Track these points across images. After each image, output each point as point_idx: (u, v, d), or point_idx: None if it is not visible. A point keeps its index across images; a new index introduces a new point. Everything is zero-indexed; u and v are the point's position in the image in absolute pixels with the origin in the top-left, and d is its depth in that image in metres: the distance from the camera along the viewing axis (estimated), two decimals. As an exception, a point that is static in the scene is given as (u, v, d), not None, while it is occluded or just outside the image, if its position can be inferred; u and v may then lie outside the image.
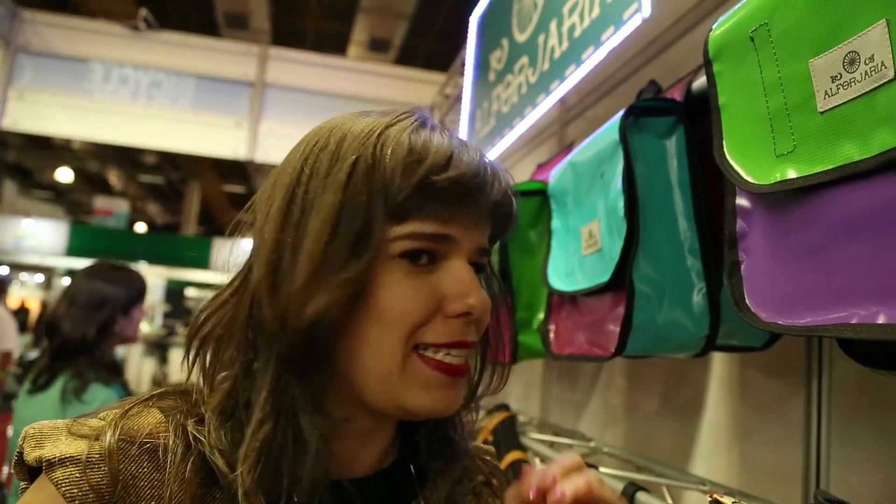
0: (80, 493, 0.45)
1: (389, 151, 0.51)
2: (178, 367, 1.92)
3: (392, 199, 0.50)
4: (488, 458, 0.70)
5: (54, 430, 0.49)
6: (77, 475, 0.45)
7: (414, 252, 0.51)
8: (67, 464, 0.46)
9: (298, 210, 0.51)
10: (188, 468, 0.48)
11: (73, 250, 9.39)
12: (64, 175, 10.81)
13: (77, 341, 1.72)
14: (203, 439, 0.49)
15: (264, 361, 0.51)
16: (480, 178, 0.53)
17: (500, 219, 0.57)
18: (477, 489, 0.65)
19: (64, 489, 0.45)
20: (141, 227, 13.81)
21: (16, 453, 0.49)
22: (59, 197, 13.75)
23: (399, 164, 0.50)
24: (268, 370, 0.50)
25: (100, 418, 0.50)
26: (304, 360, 0.50)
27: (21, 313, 10.34)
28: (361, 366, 0.51)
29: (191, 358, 0.54)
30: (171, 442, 0.49)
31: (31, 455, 0.47)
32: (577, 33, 1.49)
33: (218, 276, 0.57)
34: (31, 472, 0.49)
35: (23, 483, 0.49)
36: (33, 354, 6.90)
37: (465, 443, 0.64)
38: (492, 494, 0.66)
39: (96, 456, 0.46)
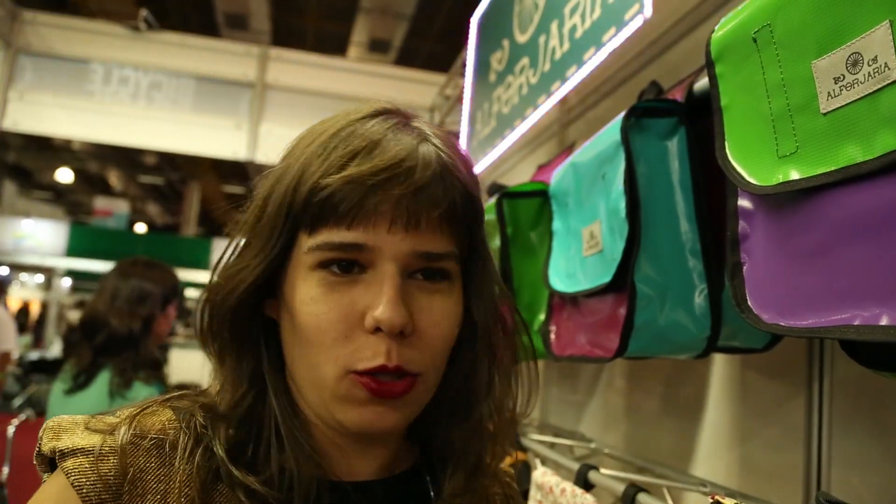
0: (88, 483, 0.46)
1: (304, 155, 0.51)
2: (177, 367, 1.94)
3: (295, 207, 0.49)
4: (508, 479, 0.68)
5: (73, 424, 0.50)
6: (87, 465, 0.47)
7: (334, 262, 0.49)
8: (78, 454, 0.47)
9: (244, 218, 0.55)
10: (197, 460, 0.49)
11: (73, 251, 9.40)
12: (64, 176, 10.81)
13: (125, 336, 1.74)
14: (209, 424, 0.51)
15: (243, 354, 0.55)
16: (387, 173, 0.48)
17: (454, 217, 0.51)
18: None
19: (73, 478, 0.46)
20: (141, 228, 13.81)
21: (36, 445, 0.50)
22: (59, 197, 13.75)
23: (303, 167, 0.50)
24: (246, 363, 0.54)
25: (116, 416, 0.52)
26: (253, 361, 0.53)
27: (22, 314, 10.34)
28: (301, 378, 0.52)
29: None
30: (181, 436, 0.50)
31: (46, 446, 0.49)
32: (578, 34, 1.49)
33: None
34: (52, 463, 0.50)
35: (45, 476, 0.51)
36: (34, 355, 6.90)
37: (493, 461, 0.61)
38: None
39: (107, 449, 0.48)
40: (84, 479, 0.46)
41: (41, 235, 9.44)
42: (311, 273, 0.50)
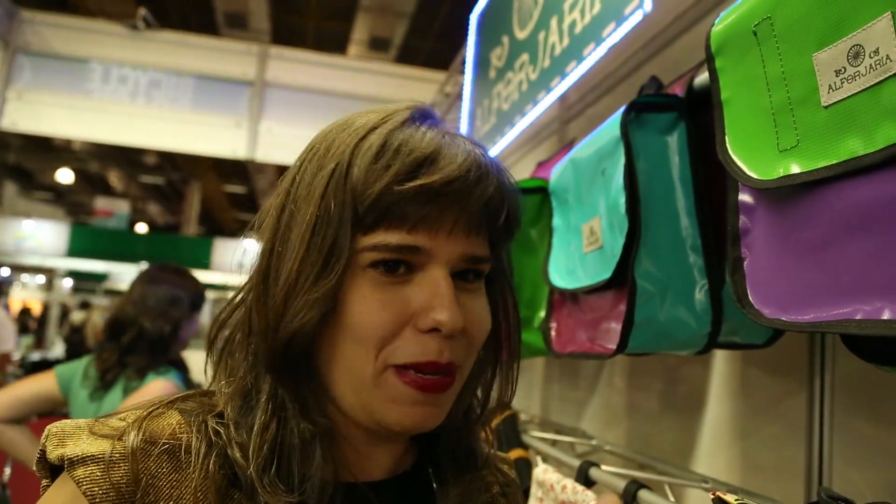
0: (100, 492, 0.45)
1: (360, 157, 0.49)
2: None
3: (358, 209, 0.48)
4: (505, 467, 0.69)
5: (76, 429, 0.49)
6: (98, 474, 0.46)
7: (383, 262, 0.49)
8: (89, 462, 0.46)
9: (286, 221, 0.51)
10: (211, 464, 0.48)
11: (74, 251, 9.41)
12: (64, 176, 10.82)
13: (156, 337, 1.77)
14: (223, 432, 0.50)
15: (261, 366, 0.52)
16: (458, 184, 0.49)
17: (495, 224, 0.53)
18: (493, 500, 0.64)
19: (85, 487, 0.45)
20: (142, 228, 13.82)
21: (38, 451, 0.49)
22: (60, 198, 13.77)
23: (366, 170, 0.48)
24: (264, 375, 0.52)
25: (120, 419, 0.50)
26: (287, 368, 0.51)
27: (25, 315, 10.36)
28: (338, 378, 0.51)
29: (213, 359, 0.55)
30: (193, 441, 0.49)
31: (53, 453, 0.48)
32: (577, 30, 1.49)
33: (219, 276, 0.57)
34: (53, 470, 0.49)
35: (44, 481, 0.50)
36: (36, 356, 6.91)
37: (484, 451, 0.62)
38: None
39: (118, 455, 0.47)
40: (97, 489, 0.45)
41: (42, 236, 9.45)
42: (362, 272, 0.49)
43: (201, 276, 2.07)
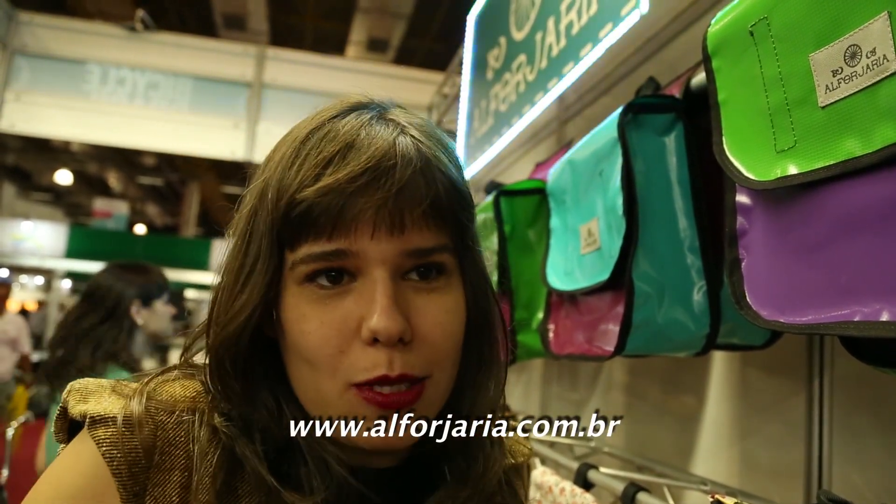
0: (119, 455, 0.45)
1: (276, 170, 0.48)
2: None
3: (276, 225, 0.47)
4: (518, 470, 0.65)
5: (99, 387, 0.49)
6: (117, 437, 0.45)
7: (318, 274, 0.47)
8: (110, 423, 0.46)
9: (233, 231, 0.52)
10: (216, 458, 0.48)
11: (73, 252, 9.41)
12: (63, 177, 10.81)
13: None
14: (231, 434, 0.49)
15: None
16: (366, 177, 0.45)
17: (439, 211, 0.48)
18: None
19: (105, 448, 0.45)
20: (140, 229, 13.81)
21: (59, 408, 0.49)
22: (59, 199, 13.76)
23: (278, 183, 0.47)
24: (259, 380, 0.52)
25: (143, 383, 0.50)
26: (238, 382, 0.50)
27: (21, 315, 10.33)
28: (303, 396, 0.50)
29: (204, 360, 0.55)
30: (197, 430, 0.49)
31: (75, 409, 0.47)
32: (574, 31, 1.49)
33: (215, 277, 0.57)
34: (72, 427, 0.49)
35: (62, 445, 0.49)
36: (34, 357, 6.89)
37: (495, 454, 0.57)
38: None
39: (138, 419, 0.46)
40: (116, 451, 0.45)
41: (41, 237, 9.45)
42: (299, 289, 0.47)
43: (200, 277, 2.07)
